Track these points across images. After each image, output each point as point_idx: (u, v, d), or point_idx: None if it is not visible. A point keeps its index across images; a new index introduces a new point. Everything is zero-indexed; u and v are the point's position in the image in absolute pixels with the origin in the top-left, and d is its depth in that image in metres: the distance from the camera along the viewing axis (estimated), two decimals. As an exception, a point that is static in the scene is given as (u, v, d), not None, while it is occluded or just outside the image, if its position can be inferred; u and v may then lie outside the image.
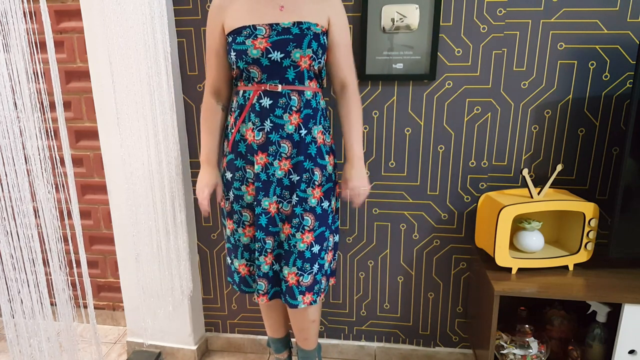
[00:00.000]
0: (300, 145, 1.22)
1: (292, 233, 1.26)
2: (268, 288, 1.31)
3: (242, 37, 1.17)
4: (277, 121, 1.20)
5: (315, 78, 1.24)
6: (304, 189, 1.24)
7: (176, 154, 1.51)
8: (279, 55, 1.15)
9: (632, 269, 1.36)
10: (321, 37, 1.19)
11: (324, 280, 1.34)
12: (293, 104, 1.20)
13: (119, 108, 1.35)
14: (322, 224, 1.27)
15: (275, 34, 1.15)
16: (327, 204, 1.28)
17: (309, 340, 1.47)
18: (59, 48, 1.76)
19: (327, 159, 1.28)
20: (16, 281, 1.03)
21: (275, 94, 1.20)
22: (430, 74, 1.43)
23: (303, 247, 1.25)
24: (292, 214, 1.25)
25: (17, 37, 0.94)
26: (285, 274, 1.28)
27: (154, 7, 1.35)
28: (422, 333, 1.72)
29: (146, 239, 1.48)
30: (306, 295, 1.29)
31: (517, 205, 1.30)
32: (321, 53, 1.20)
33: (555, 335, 1.45)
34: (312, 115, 1.23)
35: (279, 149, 1.21)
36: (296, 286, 1.28)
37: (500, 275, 1.33)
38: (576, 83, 1.42)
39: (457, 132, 1.50)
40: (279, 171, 1.23)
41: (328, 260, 1.34)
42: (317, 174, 1.25)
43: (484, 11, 1.39)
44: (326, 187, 1.28)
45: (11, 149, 0.96)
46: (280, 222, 1.27)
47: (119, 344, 1.93)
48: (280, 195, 1.25)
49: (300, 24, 1.16)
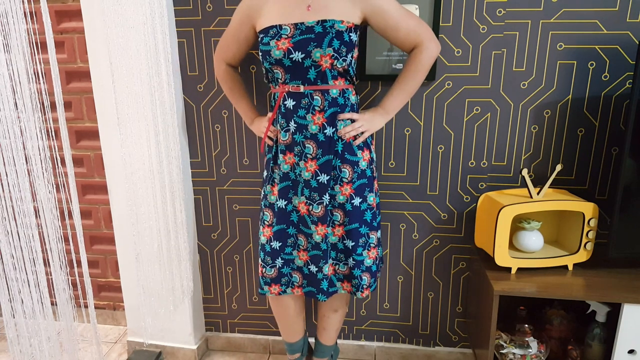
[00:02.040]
0: (326, 144, 1.22)
1: (327, 232, 1.27)
2: (303, 283, 1.33)
3: (268, 38, 1.18)
4: (301, 122, 1.21)
5: (342, 76, 1.21)
6: (332, 186, 1.25)
7: (176, 154, 1.51)
8: (300, 55, 1.15)
9: (632, 268, 1.36)
10: (345, 35, 1.15)
11: (367, 277, 1.31)
12: (316, 104, 1.20)
13: (120, 108, 1.36)
14: (353, 221, 1.26)
15: (298, 34, 1.15)
16: (359, 200, 1.26)
17: (327, 332, 1.49)
18: (60, 48, 1.76)
19: (359, 154, 1.26)
20: (17, 281, 1.03)
21: (298, 94, 1.20)
22: (430, 74, 1.43)
23: (335, 239, 1.29)
24: (325, 214, 1.25)
25: (17, 37, 0.94)
26: (326, 271, 1.30)
27: (154, 8, 1.36)
28: (422, 332, 1.73)
29: (147, 238, 1.48)
30: (345, 283, 1.32)
31: (517, 205, 1.30)
32: (346, 51, 1.16)
33: (554, 335, 1.45)
34: (339, 112, 1.22)
35: (303, 150, 1.22)
36: (334, 275, 1.32)
37: (500, 275, 1.33)
38: (576, 83, 1.42)
39: (457, 132, 1.50)
40: (305, 172, 1.23)
41: (371, 257, 1.31)
42: (345, 170, 1.24)
43: (484, 11, 1.39)
44: (358, 184, 1.26)
45: (12, 149, 0.96)
46: (312, 225, 1.27)
47: (119, 344, 1.93)
48: (309, 197, 1.25)
49: (324, 22, 1.15)
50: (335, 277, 1.33)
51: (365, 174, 1.27)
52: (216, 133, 1.62)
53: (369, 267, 1.31)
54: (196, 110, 1.61)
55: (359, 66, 1.45)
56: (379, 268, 1.37)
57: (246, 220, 1.69)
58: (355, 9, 1.18)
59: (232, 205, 1.69)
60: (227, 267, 1.76)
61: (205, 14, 1.50)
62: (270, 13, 1.20)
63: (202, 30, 1.52)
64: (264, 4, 1.21)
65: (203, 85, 1.58)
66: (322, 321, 1.50)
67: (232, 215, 1.70)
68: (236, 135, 1.61)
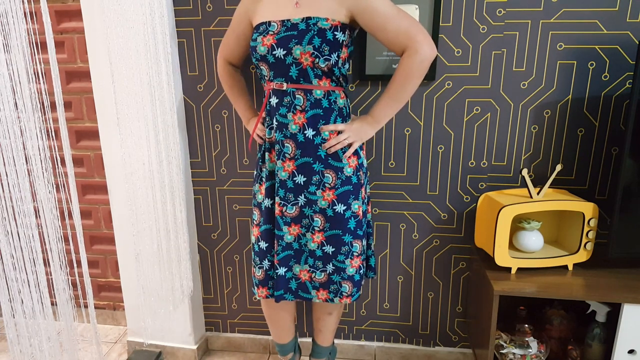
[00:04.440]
0: (307, 147, 1.19)
1: (301, 233, 1.25)
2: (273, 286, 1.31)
3: (257, 34, 1.18)
4: (282, 120, 1.20)
5: (326, 76, 1.18)
6: (313, 191, 1.21)
7: (176, 154, 1.51)
8: (282, 52, 1.14)
9: (632, 268, 1.36)
10: (329, 33, 1.12)
11: (348, 285, 1.27)
12: (297, 103, 1.19)
13: (120, 108, 1.36)
14: (335, 227, 1.22)
15: (283, 30, 1.14)
16: (342, 207, 1.22)
17: (323, 334, 1.48)
18: (60, 48, 1.76)
19: (345, 160, 1.22)
20: (17, 281, 1.03)
21: (281, 92, 1.20)
22: (429, 74, 1.43)
23: (313, 246, 1.25)
24: (300, 214, 1.24)
25: (17, 37, 0.94)
26: (297, 271, 1.27)
27: (154, 8, 1.36)
28: (422, 332, 1.73)
29: (146, 238, 1.48)
30: (320, 292, 1.29)
31: (517, 205, 1.30)
32: (329, 50, 1.12)
33: (554, 335, 1.45)
34: (322, 115, 1.19)
35: (282, 149, 1.21)
36: (309, 282, 1.28)
37: (500, 275, 1.33)
38: (575, 83, 1.42)
39: (457, 132, 1.50)
40: (282, 172, 1.22)
41: (354, 266, 1.26)
42: (329, 176, 1.21)
43: (484, 11, 1.39)
44: (342, 190, 1.21)
45: (12, 149, 0.96)
46: (284, 226, 1.24)
47: (119, 344, 1.93)
48: (284, 198, 1.23)
49: (308, 19, 1.13)
50: (311, 284, 1.28)
51: (351, 181, 1.22)
52: (216, 133, 1.62)
53: (351, 276, 1.26)
54: (196, 110, 1.61)
55: (359, 66, 1.45)
56: (362, 278, 1.32)
57: (246, 220, 1.69)
58: (342, 7, 1.14)
59: (232, 205, 1.69)
60: (227, 267, 1.76)
61: (205, 14, 1.50)
62: (264, 10, 1.20)
63: (202, 30, 1.52)
64: (260, 1, 1.22)
65: (203, 85, 1.58)
66: (318, 323, 1.48)
67: (232, 215, 1.70)
68: (236, 135, 1.61)
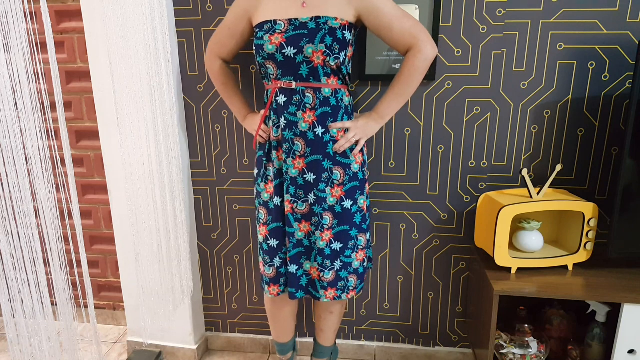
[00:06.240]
0: (316, 144, 1.21)
1: (311, 231, 1.27)
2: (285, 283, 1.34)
3: (262, 32, 1.18)
4: (291, 118, 1.21)
5: (335, 74, 1.21)
6: (322, 188, 1.24)
7: (176, 154, 1.51)
8: (292, 50, 1.15)
9: (632, 268, 1.36)
10: (339, 32, 1.15)
11: (353, 279, 1.32)
12: (307, 102, 1.20)
13: (120, 108, 1.35)
14: (343, 223, 1.27)
15: (292, 29, 1.15)
16: (349, 203, 1.27)
17: (325, 334, 1.49)
18: (60, 48, 1.76)
19: (352, 157, 1.26)
20: (17, 281, 1.03)
21: (289, 91, 1.20)
22: (429, 74, 1.43)
23: (322, 244, 1.27)
24: (310, 212, 1.26)
25: (17, 37, 0.94)
26: (307, 267, 1.31)
27: (154, 8, 1.36)
28: (422, 332, 1.73)
29: (146, 238, 1.48)
30: (328, 291, 1.31)
31: (517, 205, 1.30)
32: (338, 49, 1.16)
33: (554, 335, 1.45)
34: (330, 113, 1.22)
35: (292, 147, 1.22)
36: (318, 280, 1.30)
37: (500, 275, 1.33)
38: (575, 83, 1.42)
39: (457, 132, 1.50)
40: (292, 170, 1.23)
41: (358, 259, 1.32)
42: (337, 172, 1.24)
43: (484, 11, 1.39)
44: (350, 186, 1.26)
45: (12, 149, 0.96)
46: (295, 222, 1.27)
47: (119, 344, 1.93)
48: (295, 195, 1.25)
49: (318, 19, 1.15)
50: (319, 284, 1.31)
51: (357, 177, 1.27)
52: (216, 133, 1.62)
53: (356, 269, 1.32)
54: (196, 110, 1.61)
55: (359, 66, 1.45)
56: (366, 270, 1.37)
57: (246, 220, 1.69)
58: (350, 7, 1.18)
59: (232, 205, 1.69)
60: (227, 267, 1.76)
61: (205, 14, 1.50)
62: (267, 8, 1.20)
63: (202, 30, 1.52)
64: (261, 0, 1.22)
65: (203, 85, 1.58)
66: (319, 322, 1.50)
67: (232, 215, 1.70)
68: (236, 135, 1.61)
